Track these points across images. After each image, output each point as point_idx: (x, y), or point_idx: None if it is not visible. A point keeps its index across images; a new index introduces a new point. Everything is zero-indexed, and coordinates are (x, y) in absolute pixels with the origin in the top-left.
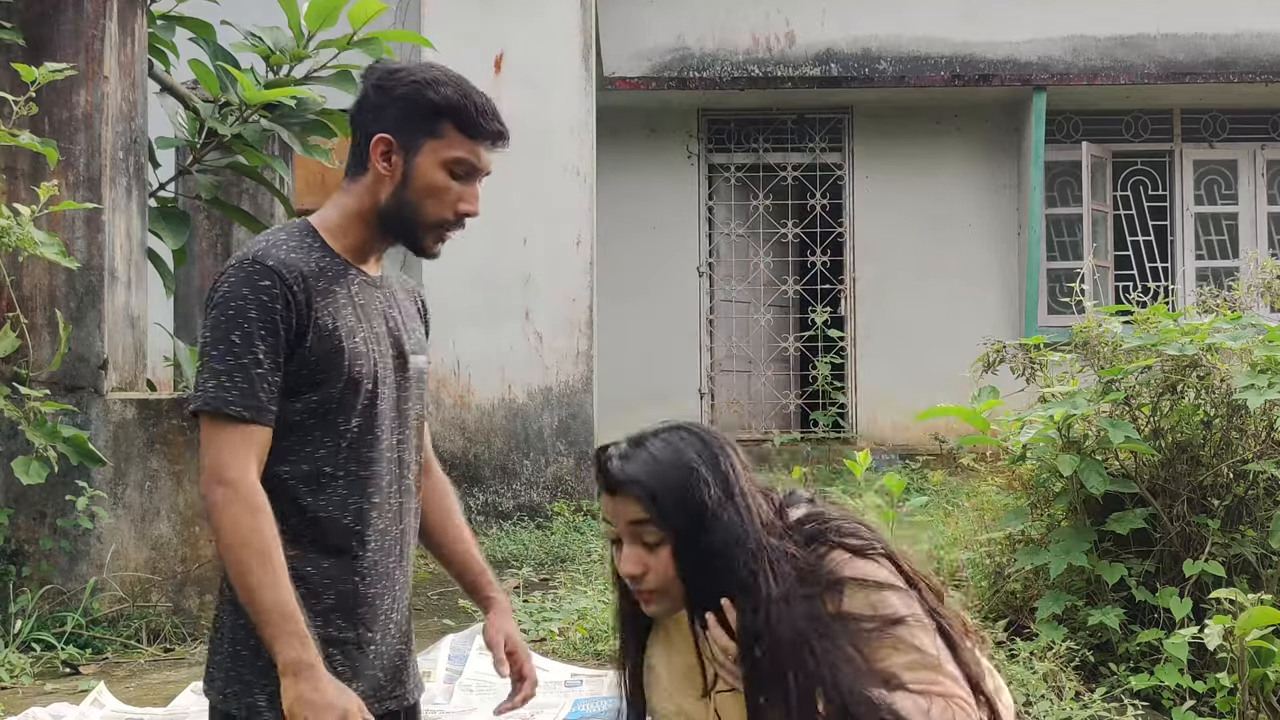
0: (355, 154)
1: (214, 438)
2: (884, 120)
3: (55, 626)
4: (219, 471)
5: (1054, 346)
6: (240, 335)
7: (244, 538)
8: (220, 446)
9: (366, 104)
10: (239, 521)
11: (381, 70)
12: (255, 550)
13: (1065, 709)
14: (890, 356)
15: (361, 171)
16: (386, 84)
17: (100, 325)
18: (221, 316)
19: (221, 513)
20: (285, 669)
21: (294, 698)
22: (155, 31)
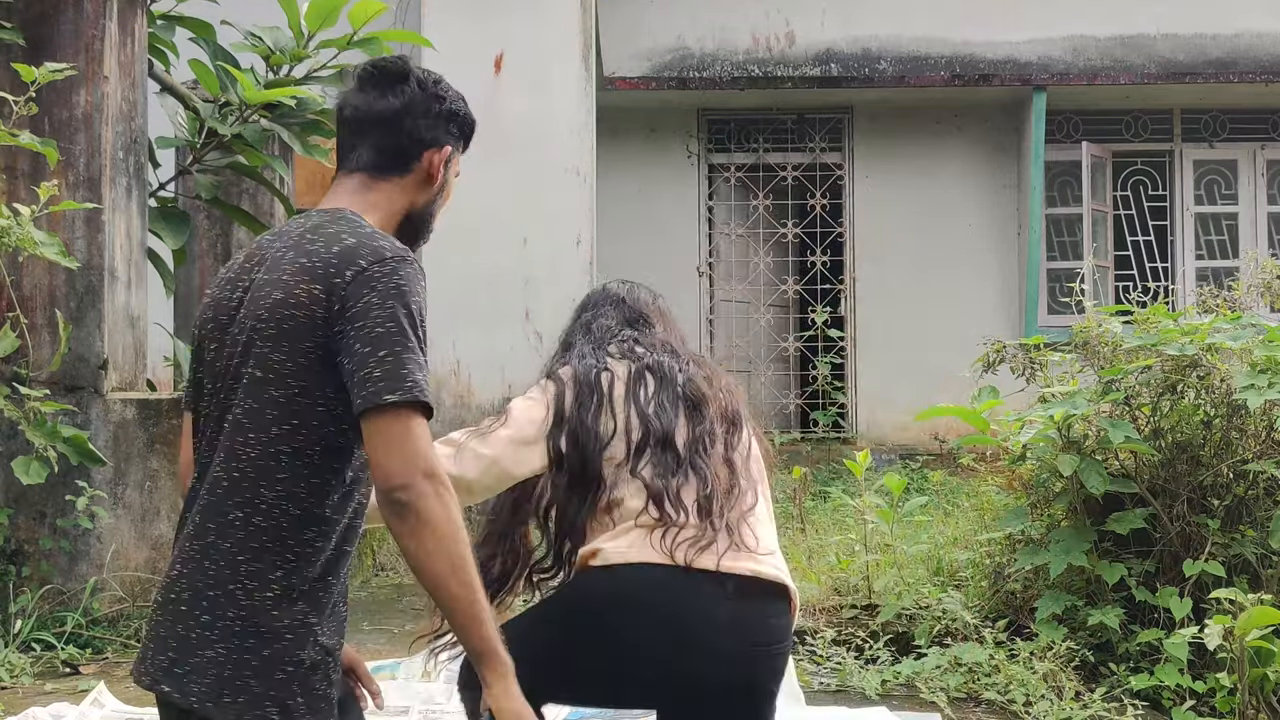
0: (394, 154)
1: (415, 430)
2: (884, 120)
3: (55, 626)
4: (427, 464)
5: (1054, 346)
6: (422, 332)
7: (459, 533)
8: (421, 439)
9: (419, 109)
10: (454, 516)
11: (423, 76)
12: (467, 546)
13: (1065, 709)
14: (890, 356)
15: (403, 173)
16: (441, 93)
17: (100, 325)
18: (404, 309)
19: (437, 506)
20: (505, 670)
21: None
22: (155, 31)
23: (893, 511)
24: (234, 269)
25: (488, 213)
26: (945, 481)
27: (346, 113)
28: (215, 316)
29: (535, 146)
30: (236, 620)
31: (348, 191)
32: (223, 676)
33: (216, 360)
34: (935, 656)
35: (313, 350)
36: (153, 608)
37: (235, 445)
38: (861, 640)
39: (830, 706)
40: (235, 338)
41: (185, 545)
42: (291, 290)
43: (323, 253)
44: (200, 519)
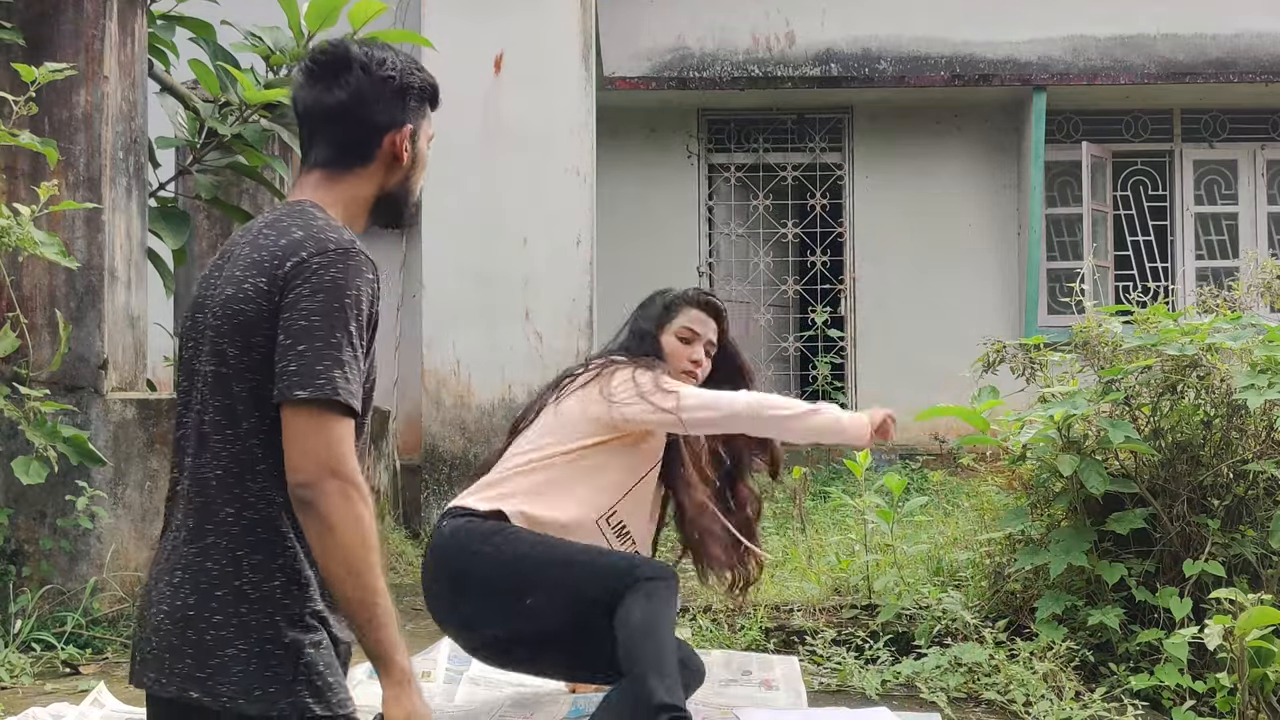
0: (352, 146)
1: (328, 429)
2: (884, 120)
3: (55, 626)
4: (336, 465)
5: (1054, 346)
6: (355, 327)
7: (365, 536)
8: (336, 439)
9: (369, 96)
10: (361, 518)
11: (365, 58)
12: (373, 549)
13: (1065, 709)
14: (890, 356)
15: (365, 162)
16: (388, 73)
17: (100, 325)
18: (335, 304)
19: (342, 507)
20: (402, 676)
21: (410, 709)
22: (155, 31)
23: (893, 511)
24: (209, 268)
25: (487, 212)
26: (945, 481)
27: (299, 108)
28: (191, 315)
29: (535, 146)
30: (250, 614)
31: (310, 185)
32: (249, 671)
33: (189, 359)
34: (935, 656)
35: (263, 344)
36: (152, 616)
37: (213, 443)
38: (861, 640)
39: (830, 707)
40: (203, 335)
41: (180, 549)
42: (240, 285)
43: (270, 246)
44: (194, 522)
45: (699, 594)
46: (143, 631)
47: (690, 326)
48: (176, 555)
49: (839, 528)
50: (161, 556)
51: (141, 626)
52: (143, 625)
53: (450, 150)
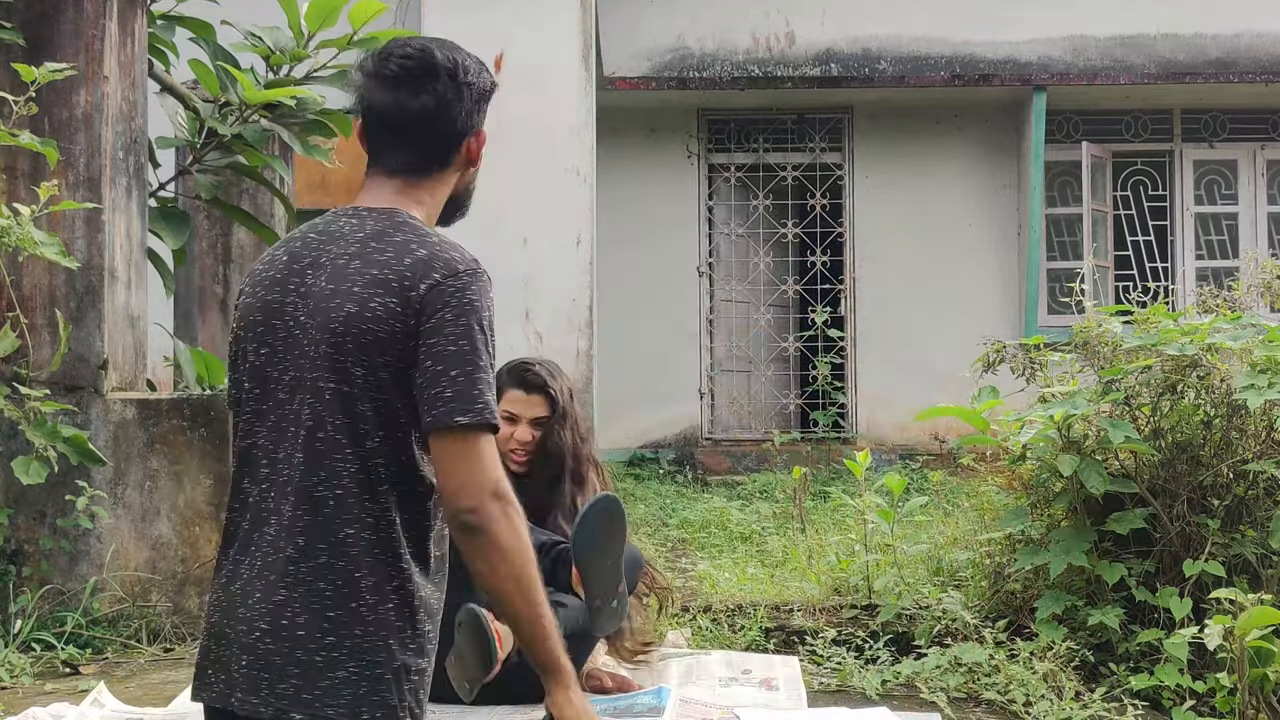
0: (437, 151)
1: (488, 452)
2: (884, 120)
3: (55, 626)
4: (496, 485)
5: (1054, 346)
6: (492, 348)
7: (527, 551)
8: (490, 460)
9: (455, 103)
10: (521, 536)
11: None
12: (533, 565)
13: (1065, 709)
14: (890, 356)
15: (445, 166)
16: (470, 80)
17: (100, 325)
18: (477, 326)
19: (508, 528)
20: (570, 681)
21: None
22: (155, 31)
23: (893, 511)
24: (277, 268)
25: (487, 212)
26: (945, 481)
27: (377, 111)
28: (265, 320)
29: (535, 146)
30: (365, 637)
31: (393, 191)
32: (359, 694)
33: (267, 366)
34: (935, 656)
35: (393, 363)
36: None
37: (334, 463)
38: (861, 640)
39: (831, 707)
40: (303, 348)
41: (288, 567)
42: (366, 304)
43: (394, 264)
44: (306, 540)
45: (699, 594)
46: (222, 649)
47: (507, 409)
48: (276, 571)
49: (839, 528)
50: (242, 572)
51: (220, 643)
52: (222, 642)
53: None
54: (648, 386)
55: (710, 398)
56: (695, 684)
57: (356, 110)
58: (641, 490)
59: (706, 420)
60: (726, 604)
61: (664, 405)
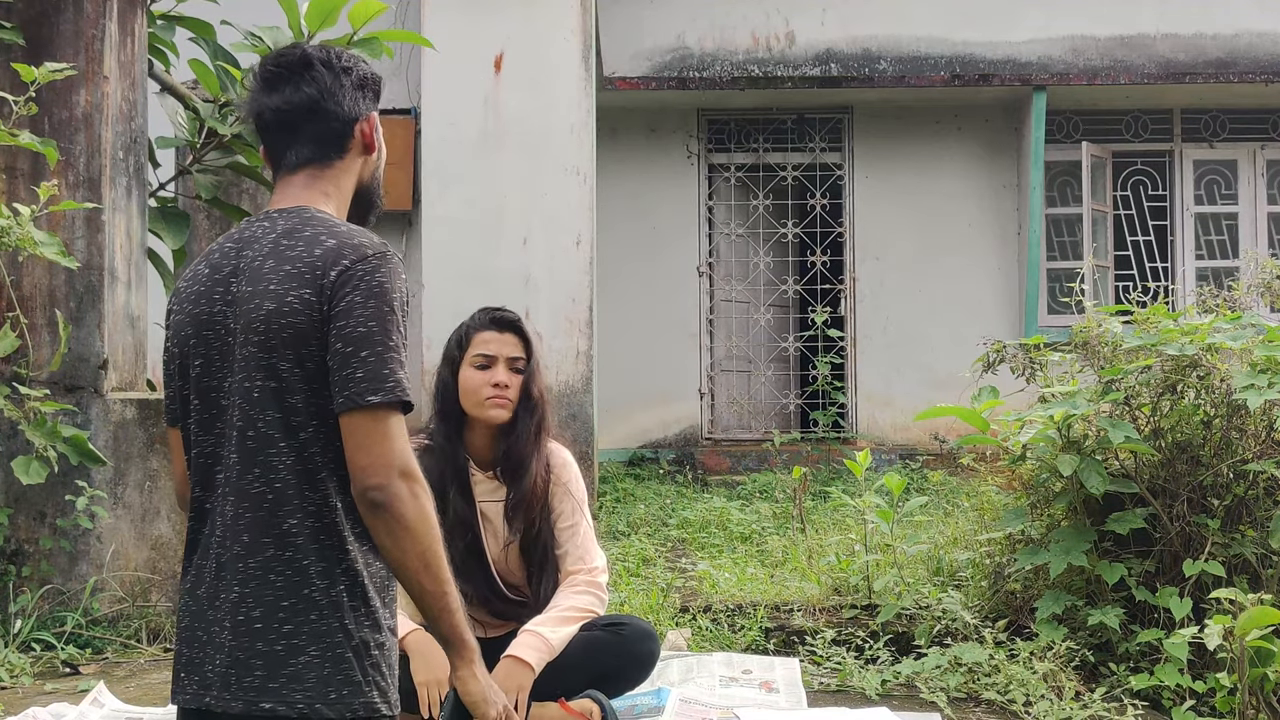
0: (330, 139)
1: (394, 429)
2: (884, 120)
3: (55, 626)
4: (404, 463)
5: (1054, 346)
6: (401, 330)
7: (433, 530)
8: (400, 438)
9: (336, 89)
10: (427, 513)
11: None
12: (441, 542)
13: (1065, 709)
14: (890, 356)
15: (341, 154)
16: (347, 65)
17: (100, 325)
18: (385, 308)
19: (414, 506)
20: (473, 656)
21: (483, 686)
22: (155, 31)
23: (893, 511)
24: (200, 281)
25: (487, 212)
26: (945, 481)
27: (268, 117)
28: (198, 332)
29: (535, 146)
30: (321, 621)
31: (299, 188)
32: (323, 676)
33: (205, 376)
34: (935, 656)
35: (317, 352)
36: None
37: (269, 458)
38: (861, 640)
39: (830, 707)
40: (232, 352)
41: (237, 565)
42: (283, 299)
43: (305, 256)
44: (249, 537)
45: (699, 594)
46: (194, 652)
47: (481, 352)
48: (229, 571)
49: (839, 528)
50: (205, 576)
51: (192, 647)
52: (194, 645)
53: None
54: (648, 386)
55: (710, 398)
56: (695, 684)
57: (251, 129)
58: (641, 490)
59: (706, 420)
60: (726, 604)
61: (664, 405)
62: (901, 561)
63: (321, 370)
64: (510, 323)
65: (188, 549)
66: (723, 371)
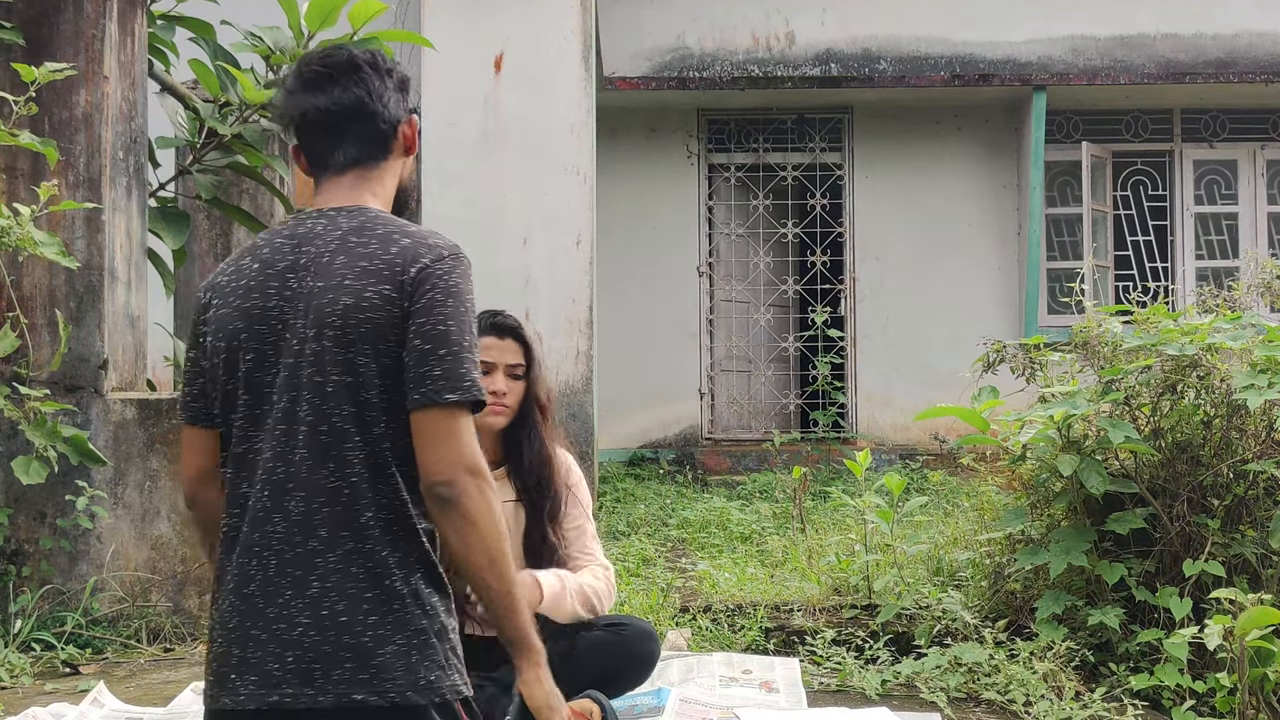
0: (377, 141)
1: (466, 428)
2: (884, 120)
3: (55, 626)
4: (473, 461)
5: (1054, 346)
6: (474, 330)
7: (500, 527)
8: (470, 436)
9: (382, 91)
10: (495, 511)
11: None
12: (505, 540)
13: (1065, 709)
14: (890, 356)
15: (387, 155)
16: (389, 67)
17: (100, 325)
18: (461, 308)
19: (481, 502)
20: (539, 658)
21: (549, 689)
22: (155, 31)
23: (893, 511)
24: (250, 276)
25: (487, 212)
26: (945, 481)
27: (312, 117)
28: (249, 326)
29: (535, 146)
30: (404, 610)
31: (349, 188)
32: (411, 663)
33: (257, 370)
34: (935, 656)
35: (394, 349)
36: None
37: (344, 452)
38: (861, 640)
39: (830, 707)
40: (293, 349)
41: (313, 560)
42: (361, 294)
43: (380, 254)
44: (328, 531)
45: (699, 594)
46: (248, 652)
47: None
48: (303, 567)
49: (839, 528)
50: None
51: (245, 646)
52: (247, 645)
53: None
54: (648, 386)
55: (710, 397)
56: (695, 684)
57: (288, 129)
58: (641, 490)
59: (706, 420)
60: (726, 604)
61: (664, 405)
62: (901, 561)
63: (395, 366)
64: (510, 329)
65: (226, 548)
66: (723, 371)
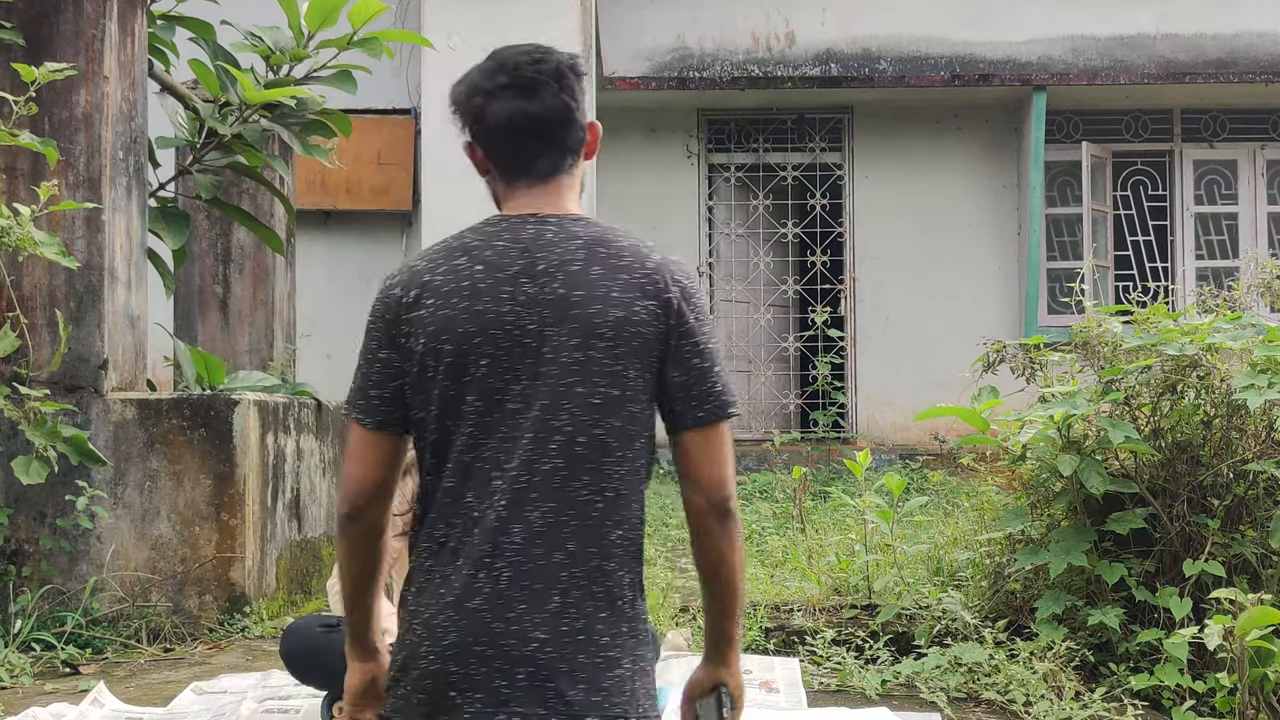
0: (577, 147)
1: (731, 447)
2: (884, 120)
3: (55, 626)
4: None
5: (1054, 346)
6: None
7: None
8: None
9: (579, 96)
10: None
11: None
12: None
13: (1065, 709)
14: (890, 356)
15: (579, 161)
16: (581, 71)
17: (100, 325)
18: (710, 326)
19: (738, 524)
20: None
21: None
22: (155, 31)
23: (893, 511)
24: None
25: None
26: (945, 481)
27: (519, 122)
28: (483, 330)
29: None
30: (629, 632)
31: (555, 195)
32: (634, 689)
33: (491, 377)
34: (935, 656)
35: (656, 365)
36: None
37: (604, 465)
38: (861, 640)
39: (830, 707)
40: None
41: (557, 574)
42: (630, 307)
43: (638, 268)
44: (575, 545)
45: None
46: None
47: None
48: (543, 580)
49: (839, 528)
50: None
51: (470, 663)
52: (471, 661)
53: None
54: None
55: None
56: None
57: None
58: None
59: None
60: None
61: None
62: (901, 561)
63: (656, 382)
64: None
65: (439, 558)
66: None
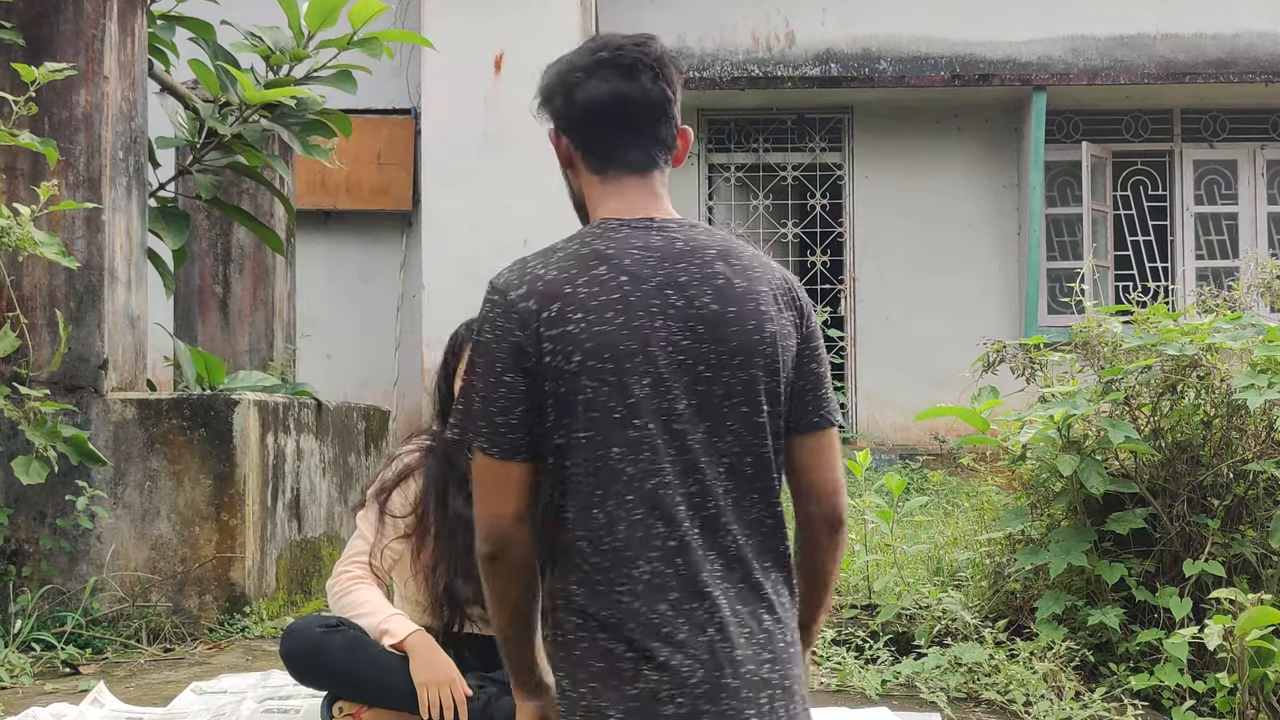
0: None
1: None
2: (884, 120)
3: (55, 626)
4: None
5: (1054, 346)
6: None
7: None
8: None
9: (678, 91)
10: None
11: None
12: None
13: (1065, 709)
14: (890, 356)
15: (669, 163)
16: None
17: (100, 325)
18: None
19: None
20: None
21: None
22: (155, 31)
23: (893, 511)
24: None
25: (487, 212)
26: (945, 481)
27: (612, 103)
28: (641, 348)
29: (535, 146)
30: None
31: (655, 195)
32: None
33: (655, 398)
34: (935, 656)
35: (793, 376)
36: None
37: (770, 483)
38: (861, 640)
39: (830, 707)
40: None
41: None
42: (779, 321)
43: (769, 277)
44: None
45: None
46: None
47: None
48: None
49: None
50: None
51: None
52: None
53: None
54: None
55: None
56: None
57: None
58: None
59: None
60: None
61: None
62: (901, 561)
63: (788, 392)
64: None
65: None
66: None
